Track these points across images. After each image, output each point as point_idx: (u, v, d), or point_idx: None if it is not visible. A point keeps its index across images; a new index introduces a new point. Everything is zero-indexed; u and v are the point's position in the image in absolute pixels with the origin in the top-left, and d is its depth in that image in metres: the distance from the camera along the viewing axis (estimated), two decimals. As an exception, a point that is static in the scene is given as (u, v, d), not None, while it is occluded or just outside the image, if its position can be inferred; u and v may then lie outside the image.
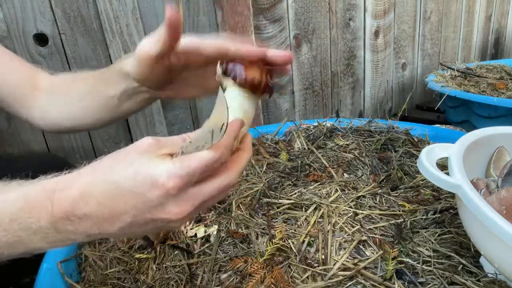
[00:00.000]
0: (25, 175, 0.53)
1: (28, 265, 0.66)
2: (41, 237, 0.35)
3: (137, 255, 0.61)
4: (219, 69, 0.41)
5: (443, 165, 0.72)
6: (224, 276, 0.55)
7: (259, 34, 1.32)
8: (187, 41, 0.47)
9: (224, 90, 0.41)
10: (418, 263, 0.53)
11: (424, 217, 0.62)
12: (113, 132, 1.17)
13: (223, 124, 0.34)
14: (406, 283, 0.50)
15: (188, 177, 0.33)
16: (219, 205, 0.72)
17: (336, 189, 0.73)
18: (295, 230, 0.61)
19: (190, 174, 0.34)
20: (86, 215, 0.34)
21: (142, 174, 0.33)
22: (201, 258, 0.60)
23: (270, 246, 0.57)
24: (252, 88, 0.40)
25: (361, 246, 0.57)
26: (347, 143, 0.95)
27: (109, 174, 0.34)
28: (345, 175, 0.80)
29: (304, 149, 0.95)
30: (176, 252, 0.61)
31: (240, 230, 0.64)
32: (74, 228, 0.34)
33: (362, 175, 0.80)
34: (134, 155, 0.35)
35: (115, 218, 0.34)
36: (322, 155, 0.89)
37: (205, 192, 0.35)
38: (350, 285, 0.51)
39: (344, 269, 0.53)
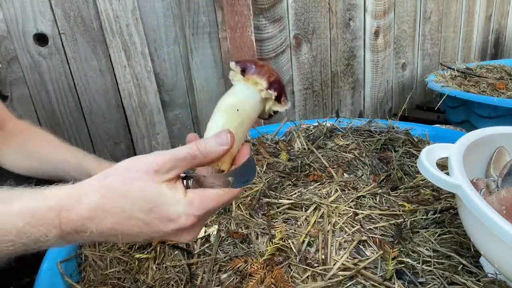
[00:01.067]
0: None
1: (28, 265, 0.66)
2: (51, 245, 0.35)
3: (137, 255, 0.61)
4: (235, 67, 0.42)
5: (443, 165, 0.72)
6: (224, 276, 0.55)
7: (259, 34, 1.32)
8: None
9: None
10: (418, 263, 0.53)
11: (424, 217, 0.62)
12: (113, 132, 1.17)
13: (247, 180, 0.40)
14: (406, 283, 0.50)
15: (204, 215, 0.36)
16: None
17: (336, 189, 0.73)
18: (295, 230, 0.61)
19: (206, 213, 0.36)
20: (96, 232, 0.35)
21: (157, 213, 0.35)
22: (201, 258, 0.60)
23: (270, 246, 0.57)
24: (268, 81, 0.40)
25: (361, 246, 0.57)
26: (347, 143, 0.95)
27: (121, 203, 0.34)
28: (345, 175, 0.80)
29: (304, 149, 0.95)
30: (176, 252, 0.61)
31: (240, 230, 0.64)
32: (83, 239, 0.36)
33: (362, 175, 0.80)
34: (144, 183, 0.35)
35: (126, 237, 0.36)
36: (322, 155, 0.89)
37: (212, 213, 0.39)
38: (350, 285, 0.51)
39: (344, 269, 0.53)
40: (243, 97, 0.41)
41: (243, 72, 0.41)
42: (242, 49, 1.24)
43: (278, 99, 0.41)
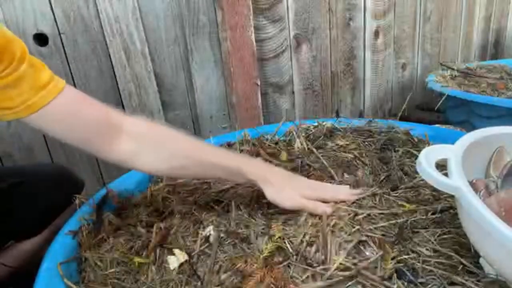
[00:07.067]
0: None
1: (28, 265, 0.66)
2: None
3: (136, 259, 0.60)
4: None
5: (443, 165, 0.72)
6: (224, 276, 0.55)
7: (259, 34, 1.32)
8: None
9: None
10: (418, 263, 0.53)
11: (424, 217, 0.62)
12: (113, 132, 1.17)
13: None
14: (406, 283, 0.50)
15: None
16: (217, 206, 0.72)
17: (336, 189, 0.72)
18: (295, 230, 0.61)
19: None
20: None
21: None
22: (201, 258, 0.60)
23: (270, 244, 0.57)
24: None
25: (361, 246, 0.57)
26: (347, 143, 0.95)
27: None
28: (345, 175, 0.80)
29: (304, 149, 0.95)
30: (174, 254, 0.61)
31: (239, 230, 0.64)
32: None
33: (362, 175, 0.80)
34: None
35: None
36: (322, 155, 0.89)
37: None
38: (350, 285, 0.51)
39: (344, 269, 0.53)
40: None
41: None
42: (242, 49, 1.24)
43: None
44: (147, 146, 0.65)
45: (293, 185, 0.67)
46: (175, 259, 0.59)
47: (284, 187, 0.65)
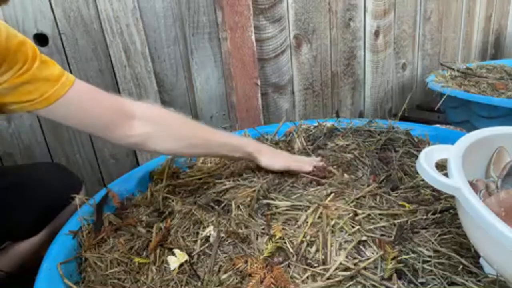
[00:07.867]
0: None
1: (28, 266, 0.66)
2: None
3: (136, 259, 0.60)
4: None
5: (443, 165, 0.72)
6: (224, 276, 0.55)
7: (259, 34, 1.32)
8: None
9: None
10: (418, 263, 0.53)
11: (424, 217, 0.62)
12: (113, 132, 1.17)
13: None
14: (406, 283, 0.50)
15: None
16: (217, 206, 0.72)
17: (336, 189, 0.72)
18: (294, 231, 0.61)
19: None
20: None
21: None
22: (201, 258, 0.60)
23: (270, 244, 0.57)
24: None
25: (361, 246, 0.57)
26: (347, 143, 0.95)
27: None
28: (345, 175, 0.80)
29: (304, 149, 0.95)
30: (174, 254, 0.61)
31: (240, 230, 0.64)
32: None
33: (362, 175, 0.80)
34: None
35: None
36: (322, 156, 0.89)
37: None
38: (350, 285, 0.51)
39: (344, 269, 0.53)
40: None
41: None
42: (242, 49, 1.24)
43: None
44: (158, 129, 0.71)
45: (281, 156, 0.84)
46: (175, 259, 0.59)
47: (275, 156, 0.82)
